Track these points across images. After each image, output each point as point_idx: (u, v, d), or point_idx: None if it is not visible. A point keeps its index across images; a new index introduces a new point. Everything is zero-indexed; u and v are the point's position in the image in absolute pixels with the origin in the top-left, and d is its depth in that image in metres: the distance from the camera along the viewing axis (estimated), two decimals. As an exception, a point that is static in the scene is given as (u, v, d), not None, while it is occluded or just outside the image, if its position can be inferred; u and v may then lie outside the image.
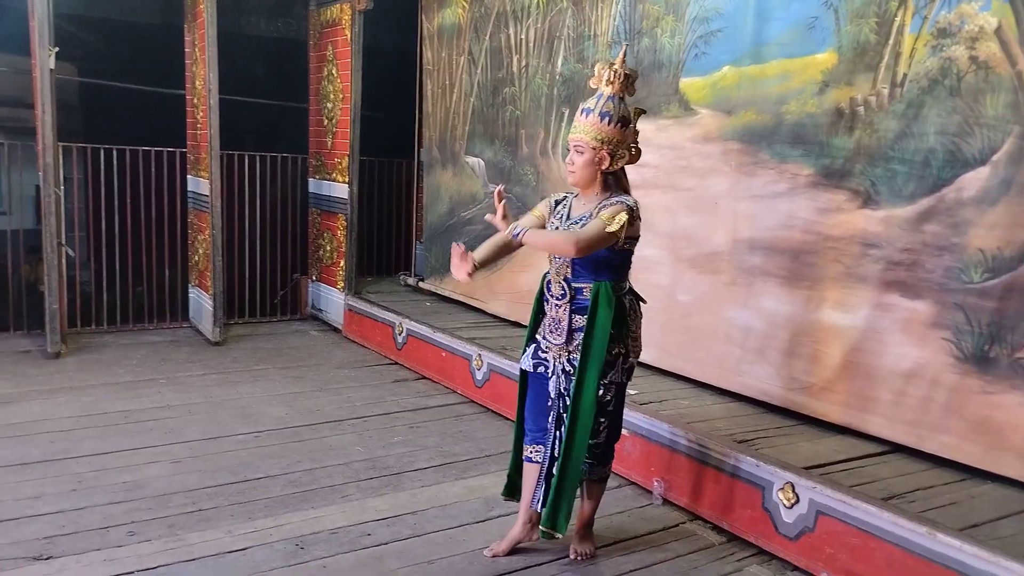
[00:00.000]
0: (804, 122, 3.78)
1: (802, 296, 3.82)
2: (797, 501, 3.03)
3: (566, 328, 2.91)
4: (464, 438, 4.35)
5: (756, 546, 3.20)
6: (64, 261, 5.80)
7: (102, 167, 6.27)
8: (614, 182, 2.90)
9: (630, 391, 4.14)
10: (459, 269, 2.85)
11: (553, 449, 2.99)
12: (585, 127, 2.82)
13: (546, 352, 3.00)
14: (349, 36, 6.43)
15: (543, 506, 2.97)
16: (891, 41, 3.44)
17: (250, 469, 3.79)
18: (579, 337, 2.86)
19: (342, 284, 6.75)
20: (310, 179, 7.25)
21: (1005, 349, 3.09)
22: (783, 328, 3.91)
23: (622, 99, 2.86)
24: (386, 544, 3.13)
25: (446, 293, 6.61)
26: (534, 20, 5.53)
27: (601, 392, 2.87)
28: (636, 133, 2.90)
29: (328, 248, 7.00)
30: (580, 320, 2.87)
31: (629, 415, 3.79)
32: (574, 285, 2.89)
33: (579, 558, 3.07)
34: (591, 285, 2.84)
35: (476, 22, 6.13)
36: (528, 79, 5.62)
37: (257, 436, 4.24)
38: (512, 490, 3.20)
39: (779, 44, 3.91)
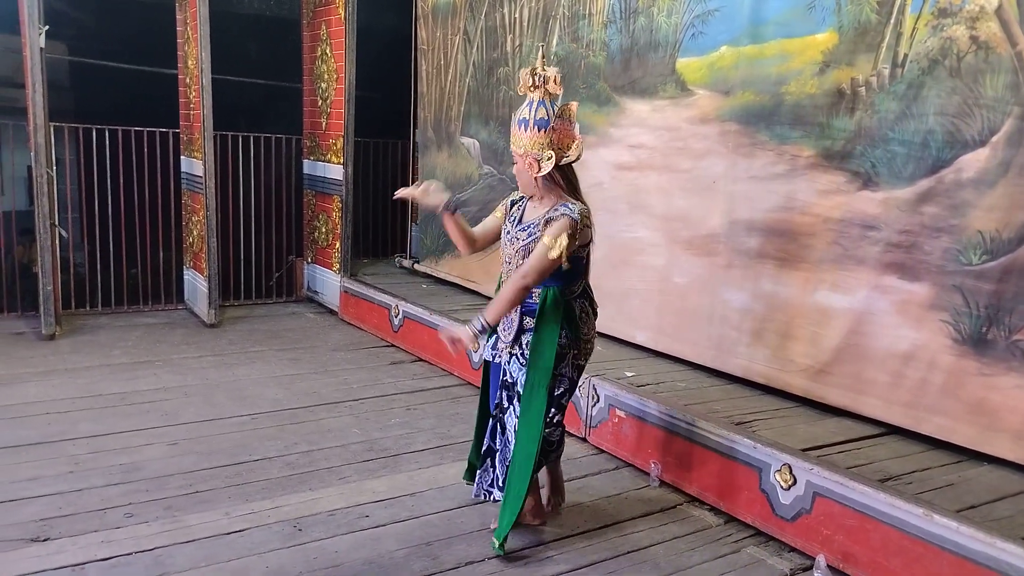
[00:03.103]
0: (804, 103, 3.76)
1: (800, 278, 3.81)
2: (794, 483, 3.04)
3: (516, 327, 2.96)
4: (461, 420, 4.35)
5: (753, 527, 3.21)
6: (57, 242, 5.76)
7: (94, 147, 6.22)
8: (563, 182, 2.91)
9: (627, 373, 4.17)
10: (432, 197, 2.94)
11: (505, 446, 3.05)
12: (515, 137, 2.89)
13: (500, 343, 3.07)
14: (343, 15, 6.37)
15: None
16: (892, 21, 3.42)
17: (247, 451, 3.79)
18: (527, 338, 2.93)
19: (338, 266, 6.73)
20: (304, 160, 7.20)
21: (1003, 331, 3.09)
22: (781, 310, 3.91)
23: (552, 100, 2.87)
24: (384, 526, 3.13)
25: (442, 275, 6.59)
26: (530, -1, 5.49)
27: (553, 383, 2.92)
28: (571, 128, 2.90)
29: (323, 230, 6.97)
30: (530, 322, 2.93)
31: (627, 397, 3.81)
32: None
33: (551, 507, 3.29)
34: (539, 290, 2.89)
35: (471, 1, 6.07)
36: (523, 59, 5.57)
37: (254, 418, 4.24)
38: (472, 474, 3.32)
39: (778, 24, 3.88)
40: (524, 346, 2.94)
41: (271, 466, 3.64)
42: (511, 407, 3.03)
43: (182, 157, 6.65)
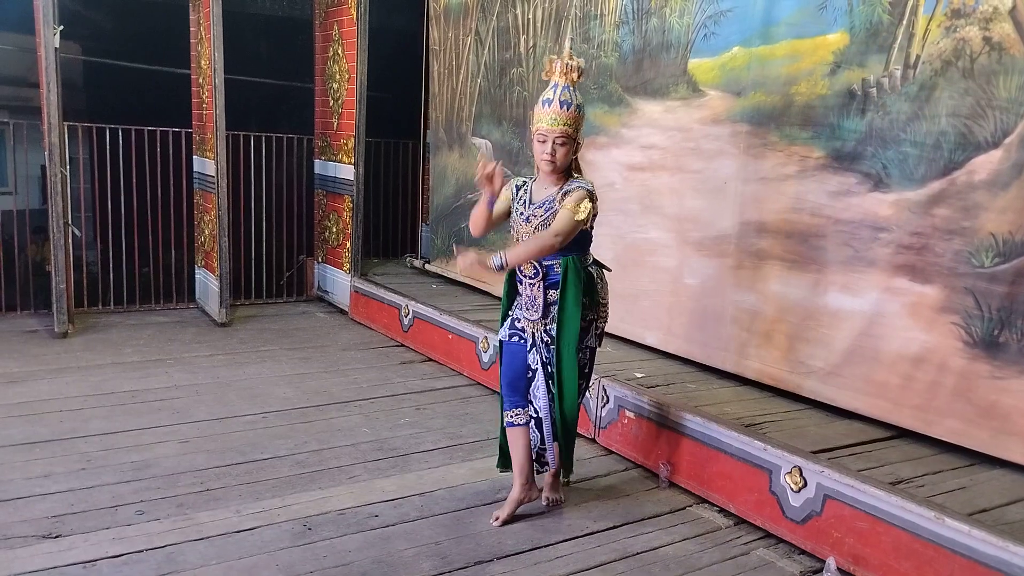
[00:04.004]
0: (814, 104, 3.75)
1: (810, 280, 3.80)
2: (804, 485, 3.03)
3: (541, 304, 3.11)
4: (471, 420, 4.35)
5: (763, 529, 3.20)
6: (71, 241, 5.80)
7: (108, 147, 6.25)
8: (577, 164, 3.15)
9: (636, 374, 4.17)
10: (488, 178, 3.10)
11: (551, 413, 3.19)
12: (565, 119, 3.00)
13: (521, 324, 3.21)
14: (355, 15, 6.38)
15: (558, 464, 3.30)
16: (904, 22, 3.40)
17: (258, 449, 3.81)
18: (554, 310, 3.09)
19: (348, 266, 6.75)
20: (316, 160, 7.23)
21: (1015, 334, 3.07)
22: (791, 312, 3.89)
23: (574, 88, 3.05)
24: (393, 525, 3.14)
25: (452, 275, 6.60)
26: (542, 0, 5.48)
27: (579, 356, 3.10)
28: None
29: (334, 230, 6.99)
30: (554, 295, 3.09)
31: (637, 398, 3.80)
32: (545, 263, 3.08)
33: (550, 504, 3.34)
34: (560, 261, 3.05)
35: (483, 1, 6.08)
36: (536, 59, 5.57)
37: (264, 417, 4.26)
38: (505, 461, 3.39)
39: (789, 24, 3.87)
40: (551, 321, 3.10)
41: (281, 465, 3.66)
42: (545, 385, 3.17)
43: (194, 157, 6.68)
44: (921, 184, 3.35)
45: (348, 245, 6.74)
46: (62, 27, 5.42)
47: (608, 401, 3.96)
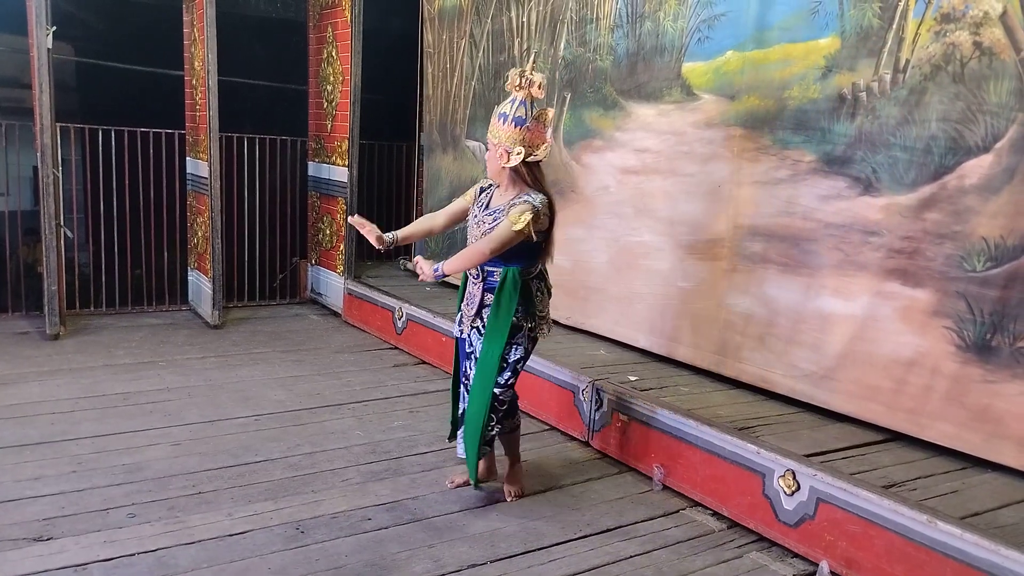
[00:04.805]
0: (806, 108, 3.76)
1: (802, 283, 3.81)
2: (798, 488, 3.04)
3: (477, 303, 3.32)
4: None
5: (756, 533, 3.21)
6: (63, 243, 5.78)
7: (100, 148, 6.24)
8: (528, 176, 3.23)
9: (630, 377, 4.18)
10: (370, 238, 3.49)
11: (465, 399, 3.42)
12: (492, 128, 3.23)
13: (461, 319, 3.44)
14: (349, 17, 6.38)
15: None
16: (894, 26, 3.42)
17: (250, 452, 3.80)
18: (487, 312, 3.29)
19: (342, 268, 6.74)
20: (310, 162, 7.22)
21: (1007, 338, 3.08)
22: (784, 315, 3.90)
23: (532, 102, 3.22)
24: (386, 528, 3.13)
25: (447, 279, 6.58)
26: (536, 3, 5.49)
27: (507, 351, 3.26)
28: (544, 131, 3.25)
29: (328, 232, 6.98)
30: (490, 298, 3.28)
31: (629, 401, 3.80)
32: (486, 268, 3.28)
33: (512, 497, 3.47)
34: (501, 270, 3.23)
35: (478, 4, 6.08)
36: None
37: (257, 419, 4.24)
38: (454, 435, 3.61)
39: (782, 28, 3.88)
40: (484, 319, 3.30)
41: (274, 468, 3.65)
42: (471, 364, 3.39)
43: (187, 158, 6.67)
44: (912, 188, 3.36)
45: (342, 247, 6.73)
46: (55, 28, 5.40)
47: (601, 404, 3.96)
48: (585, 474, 3.76)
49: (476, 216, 3.33)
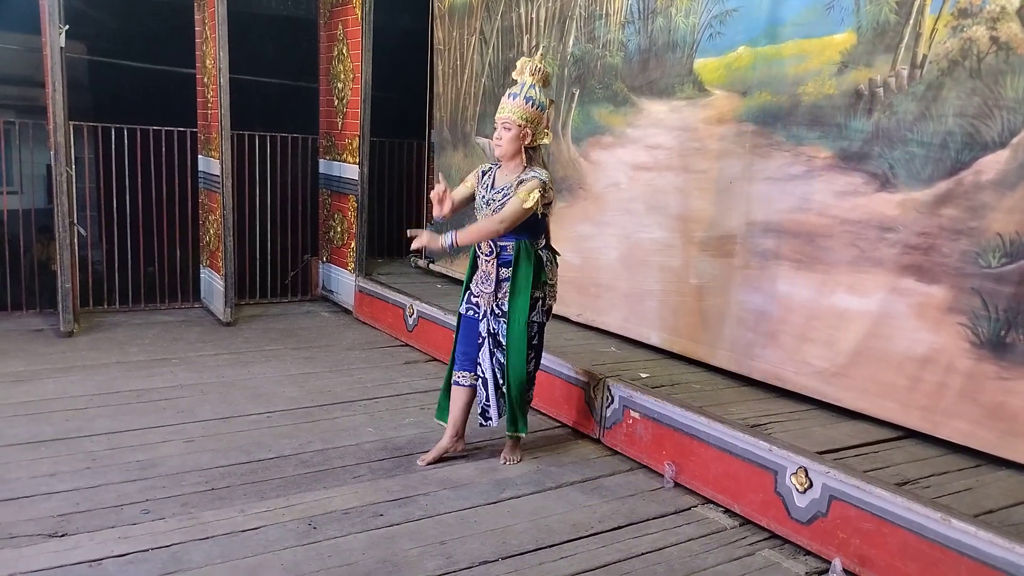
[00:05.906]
0: (821, 104, 3.74)
1: (816, 280, 3.79)
2: (810, 486, 3.02)
3: (494, 279, 3.52)
4: (474, 420, 4.34)
5: (768, 530, 3.19)
6: (76, 240, 5.81)
7: (113, 146, 6.26)
8: (534, 156, 3.49)
9: (641, 374, 4.17)
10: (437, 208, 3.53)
11: (496, 375, 3.62)
12: (513, 108, 3.41)
13: (477, 298, 3.62)
14: (360, 15, 6.39)
15: (500, 418, 3.71)
16: (911, 21, 3.39)
17: (262, 449, 3.81)
18: (505, 286, 3.51)
19: (353, 265, 6.75)
20: (320, 160, 7.23)
21: (1022, 335, 3.06)
22: (797, 312, 3.89)
23: (541, 88, 3.45)
24: (398, 524, 3.14)
25: (457, 275, 6.59)
26: (546, -1, 5.48)
27: (532, 315, 3.50)
28: (548, 119, 3.49)
29: (339, 229, 6.99)
30: (505, 272, 3.50)
31: (641, 398, 3.80)
32: (499, 244, 3.49)
33: (507, 462, 3.75)
34: (513, 243, 3.45)
35: (488, 1, 6.08)
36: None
37: (269, 416, 4.26)
38: (443, 414, 3.82)
39: (796, 24, 3.86)
40: (502, 296, 3.51)
41: (286, 464, 3.66)
42: (490, 351, 3.60)
43: (199, 156, 6.69)
44: (928, 184, 3.34)
45: (353, 245, 6.74)
46: (68, 26, 5.42)
47: (613, 401, 3.96)
48: (596, 471, 3.75)
49: (484, 196, 3.53)
